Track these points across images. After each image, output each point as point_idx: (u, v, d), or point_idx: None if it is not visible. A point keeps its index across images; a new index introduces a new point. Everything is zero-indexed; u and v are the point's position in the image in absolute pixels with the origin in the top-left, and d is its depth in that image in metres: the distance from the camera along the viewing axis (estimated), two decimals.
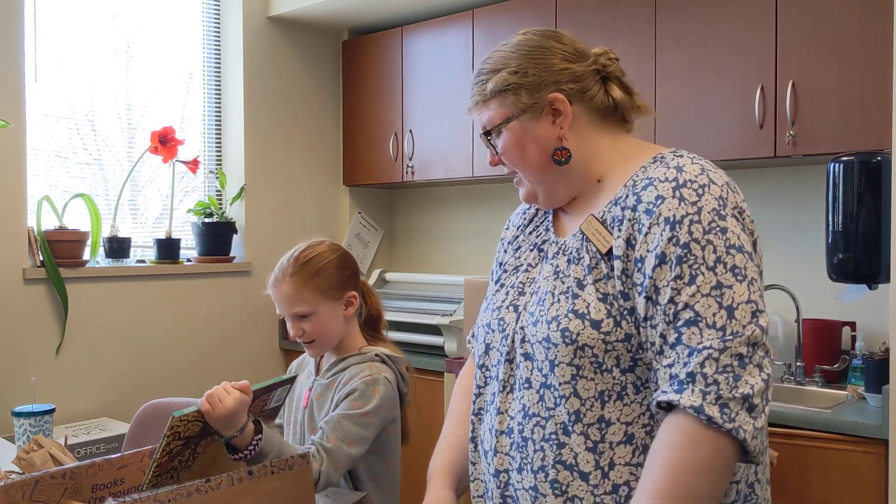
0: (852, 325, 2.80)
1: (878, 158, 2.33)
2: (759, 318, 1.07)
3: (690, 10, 2.86)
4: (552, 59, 1.23)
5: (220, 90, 3.88)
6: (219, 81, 3.88)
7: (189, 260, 3.66)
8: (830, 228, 2.40)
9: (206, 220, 3.64)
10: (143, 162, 3.55)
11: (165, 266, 3.49)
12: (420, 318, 3.44)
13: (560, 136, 1.23)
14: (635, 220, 1.14)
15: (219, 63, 3.87)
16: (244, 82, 3.77)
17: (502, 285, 1.33)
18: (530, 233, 1.36)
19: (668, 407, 1.08)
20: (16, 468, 1.77)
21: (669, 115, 2.90)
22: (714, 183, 1.12)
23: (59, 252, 3.15)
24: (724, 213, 1.10)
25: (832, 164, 2.40)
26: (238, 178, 3.81)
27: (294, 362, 2.04)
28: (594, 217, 1.20)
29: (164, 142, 3.37)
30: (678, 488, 1.03)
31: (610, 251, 1.16)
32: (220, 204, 3.80)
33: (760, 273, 1.14)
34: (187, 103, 3.81)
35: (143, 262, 3.53)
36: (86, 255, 3.27)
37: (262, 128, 3.85)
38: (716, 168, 1.17)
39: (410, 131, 3.75)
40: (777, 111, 2.68)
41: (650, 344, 1.11)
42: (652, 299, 1.10)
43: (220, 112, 3.88)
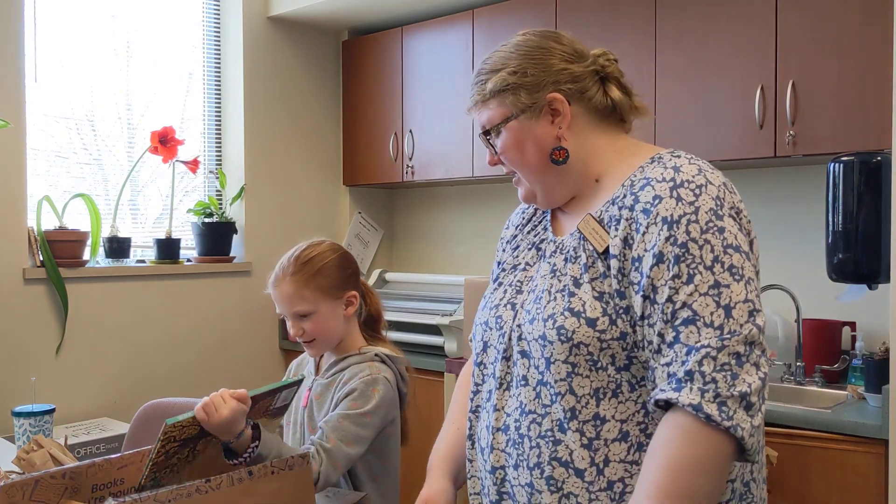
0: (852, 325, 2.80)
1: (878, 158, 2.33)
2: (757, 318, 1.07)
3: (690, 10, 2.86)
4: (551, 60, 1.24)
5: (220, 90, 3.88)
6: (219, 81, 3.88)
7: (189, 260, 3.66)
8: (830, 228, 2.40)
9: (206, 220, 3.64)
10: (143, 162, 3.55)
11: (165, 266, 3.50)
12: (420, 318, 3.43)
13: (559, 136, 1.24)
14: (633, 219, 1.14)
15: (219, 63, 3.87)
16: (244, 82, 3.77)
17: (500, 284, 1.34)
18: (529, 232, 1.37)
19: (665, 405, 1.08)
20: (16, 468, 1.77)
21: (669, 115, 2.90)
22: (711, 183, 1.13)
23: (59, 252, 3.15)
24: (721, 212, 1.11)
25: (832, 164, 2.40)
26: (238, 178, 3.81)
27: (294, 362, 2.04)
28: (591, 216, 1.21)
29: (164, 142, 3.37)
30: (677, 486, 1.03)
31: (607, 250, 1.16)
32: (220, 204, 3.80)
33: (757, 273, 1.15)
34: (187, 103, 3.81)
35: (143, 262, 3.53)
36: (86, 255, 3.27)
37: (262, 128, 3.85)
38: (713, 169, 1.17)
39: (410, 131, 3.75)
40: (777, 111, 2.68)
41: (647, 343, 1.11)
42: (649, 298, 1.10)
43: (220, 112, 3.89)
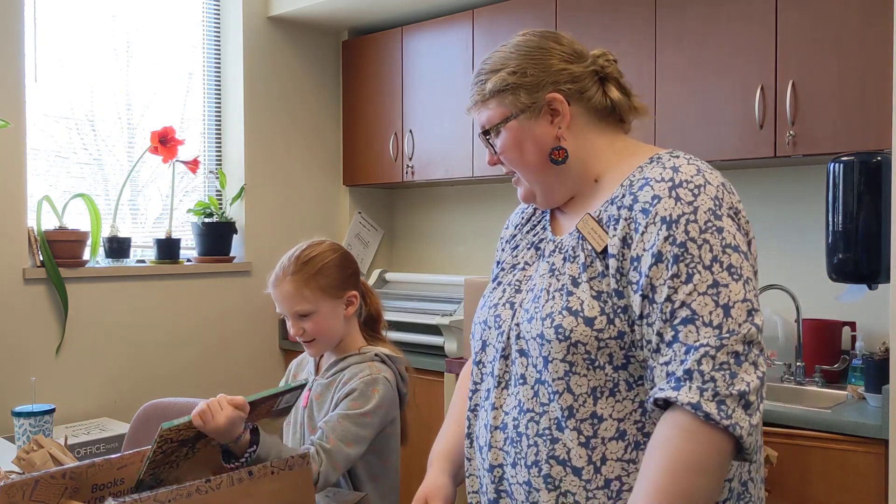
0: (852, 325, 2.80)
1: (878, 158, 2.33)
2: (755, 317, 1.08)
3: (690, 10, 2.86)
4: (551, 60, 1.24)
5: (220, 90, 3.88)
6: (219, 81, 3.88)
7: (189, 260, 3.66)
8: (830, 228, 2.40)
9: (206, 220, 3.64)
10: (143, 162, 3.55)
11: (165, 266, 3.50)
12: (420, 318, 3.43)
13: (558, 136, 1.25)
14: (631, 219, 1.15)
15: (219, 63, 3.87)
16: (244, 82, 3.77)
17: (499, 283, 1.34)
18: (528, 232, 1.37)
19: (664, 404, 1.09)
20: (16, 468, 1.77)
21: (669, 115, 2.90)
22: (710, 183, 1.13)
23: (59, 252, 3.15)
24: (719, 212, 1.12)
25: (832, 164, 2.40)
26: (238, 178, 3.81)
27: (293, 362, 2.04)
28: (590, 216, 1.21)
29: (164, 142, 3.37)
30: (676, 484, 1.03)
31: (605, 250, 1.17)
32: (220, 204, 3.80)
33: (755, 273, 1.16)
34: (187, 103, 3.81)
35: (143, 262, 3.53)
36: (86, 255, 3.27)
37: (262, 128, 3.85)
38: (712, 169, 1.18)
39: (410, 131, 3.75)
40: (777, 111, 2.68)
41: (646, 342, 1.12)
42: (648, 297, 1.11)
43: (220, 112, 3.89)
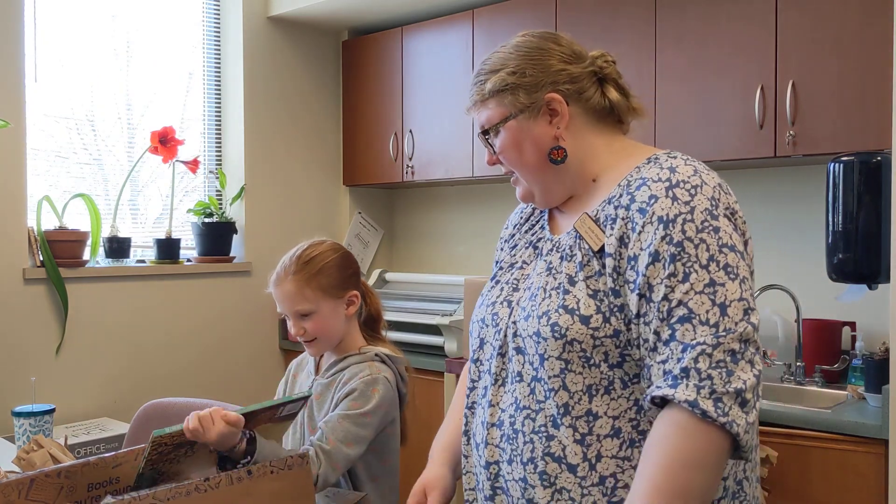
0: (852, 325, 2.80)
1: (878, 158, 2.33)
2: (751, 316, 1.09)
3: (690, 10, 2.86)
4: (550, 61, 1.25)
5: (220, 90, 3.88)
6: (219, 81, 3.88)
7: (189, 260, 3.66)
8: (830, 228, 2.40)
9: (206, 220, 3.64)
10: (143, 162, 3.55)
11: (165, 266, 3.50)
12: (420, 318, 3.43)
13: (557, 136, 1.25)
14: (628, 218, 1.15)
15: (219, 63, 3.87)
16: (244, 82, 3.77)
17: (497, 282, 1.35)
18: (526, 231, 1.38)
19: (662, 402, 1.09)
20: (16, 468, 1.77)
21: (669, 115, 2.90)
22: (706, 184, 1.14)
23: (59, 252, 3.15)
24: (716, 212, 1.12)
25: (832, 164, 2.40)
26: (238, 178, 3.81)
27: (293, 362, 2.04)
28: (588, 215, 1.22)
29: (164, 142, 3.37)
30: (673, 481, 1.04)
31: (602, 249, 1.17)
32: (220, 204, 3.80)
33: (752, 273, 1.17)
34: (187, 103, 3.81)
35: (143, 262, 3.53)
36: (86, 255, 3.27)
37: (262, 128, 3.85)
38: (709, 170, 1.19)
39: (410, 131, 3.75)
40: (777, 111, 2.68)
41: (643, 341, 1.13)
42: (645, 296, 1.11)
43: (220, 112, 3.89)
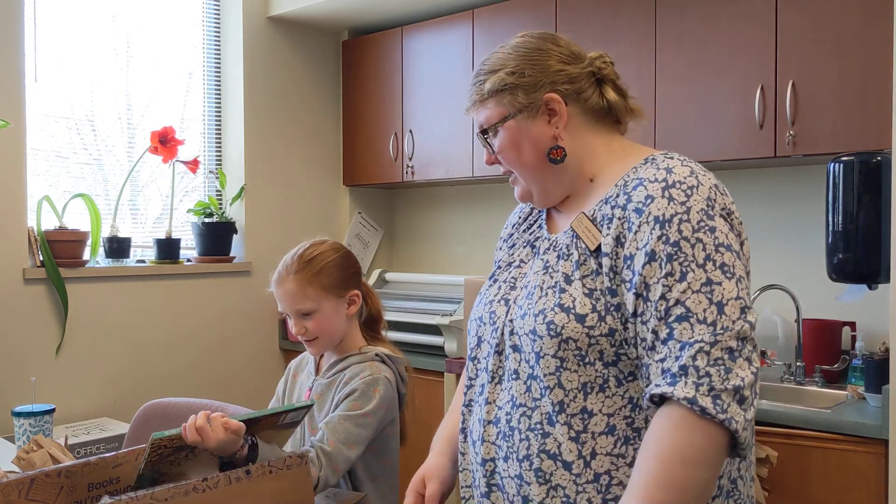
0: (852, 325, 2.80)
1: (878, 158, 2.33)
2: (748, 315, 1.09)
3: (690, 10, 2.86)
4: (548, 61, 1.26)
5: (220, 90, 3.88)
6: (219, 81, 3.88)
7: (189, 260, 3.66)
8: (830, 228, 2.40)
9: (206, 220, 3.64)
10: (143, 162, 3.55)
11: (165, 266, 3.50)
12: (420, 318, 3.43)
13: (555, 136, 1.26)
14: (625, 218, 1.16)
15: (219, 63, 3.87)
16: (244, 82, 3.77)
17: (495, 280, 1.36)
18: (524, 231, 1.39)
19: (660, 401, 1.10)
20: (16, 468, 1.77)
21: (670, 115, 2.90)
22: (702, 184, 1.15)
23: (59, 252, 3.15)
24: (712, 213, 1.13)
25: (832, 164, 2.40)
26: (238, 178, 3.81)
27: (292, 362, 2.03)
28: (585, 215, 1.23)
29: (164, 142, 3.37)
30: (671, 477, 1.04)
31: (599, 248, 1.18)
32: (220, 204, 3.80)
33: (748, 273, 1.17)
34: (187, 103, 3.81)
35: (143, 262, 3.53)
36: (86, 255, 3.27)
37: (262, 128, 3.85)
38: (705, 171, 1.19)
39: (410, 131, 3.75)
40: (777, 111, 2.68)
41: (641, 340, 1.13)
42: (642, 296, 1.12)
43: (220, 112, 3.89)
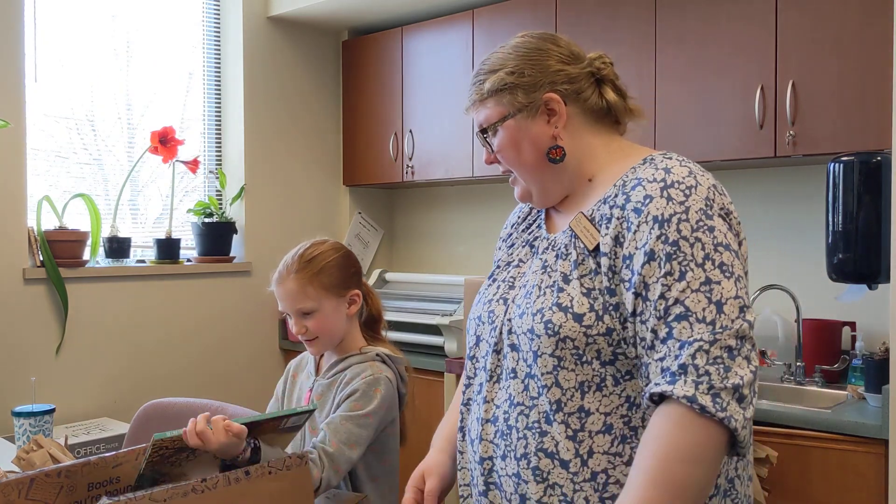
0: (852, 325, 2.79)
1: (878, 158, 2.33)
2: (747, 313, 1.10)
3: (690, 10, 2.86)
4: (548, 61, 1.27)
5: (220, 90, 3.88)
6: (219, 81, 3.88)
7: (189, 260, 3.66)
8: (830, 228, 2.40)
9: (206, 220, 3.64)
10: (143, 162, 3.55)
11: (165, 266, 3.50)
12: (420, 318, 3.43)
13: (554, 136, 1.27)
14: (624, 218, 1.17)
15: (219, 63, 3.87)
16: (244, 82, 3.77)
17: (494, 280, 1.37)
18: (523, 230, 1.40)
19: (660, 400, 1.10)
20: (16, 468, 1.77)
21: (670, 115, 2.90)
22: (701, 185, 1.16)
23: (59, 252, 3.15)
24: (710, 212, 1.14)
25: (832, 164, 2.40)
26: (238, 178, 3.81)
27: (292, 363, 2.03)
28: (583, 215, 1.23)
29: (164, 142, 3.37)
30: (669, 474, 1.04)
31: (597, 248, 1.19)
32: (220, 204, 3.80)
33: (746, 273, 1.18)
34: (187, 103, 3.81)
35: (143, 262, 3.53)
36: (86, 255, 3.27)
37: (262, 128, 3.85)
38: (703, 171, 1.20)
39: (410, 131, 3.75)
40: (777, 111, 2.67)
41: (640, 339, 1.14)
42: (641, 295, 1.13)
43: (220, 112, 3.89)
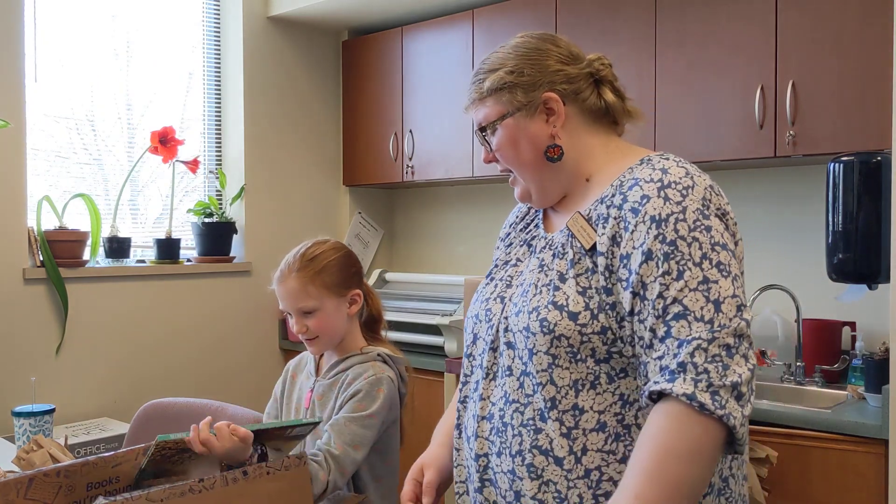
0: (852, 325, 2.79)
1: (878, 158, 2.33)
2: (744, 312, 1.11)
3: (690, 10, 2.86)
4: (547, 61, 1.28)
5: (220, 90, 3.88)
6: (219, 81, 3.88)
7: (189, 260, 3.66)
8: (830, 228, 2.40)
9: (206, 220, 3.64)
10: (143, 162, 3.55)
11: (165, 266, 3.50)
12: (420, 318, 3.43)
13: (553, 135, 1.28)
14: (621, 218, 1.17)
15: (219, 63, 3.87)
16: (244, 82, 3.77)
17: (492, 279, 1.37)
18: (521, 230, 1.41)
19: (658, 398, 1.10)
20: (16, 468, 1.77)
21: (670, 115, 2.89)
22: (697, 185, 1.17)
23: (59, 252, 3.15)
24: (707, 212, 1.15)
25: (832, 164, 2.40)
26: (238, 178, 3.81)
27: (290, 363, 2.02)
28: (580, 214, 1.24)
29: (164, 142, 3.37)
30: (666, 471, 1.05)
31: (594, 247, 1.20)
32: (220, 204, 3.80)
33: (742, 273, 1.18)
34: (187, 103, 3.81)
35: (143, 262, 3.53)
36: (86, 255, 3.27)
37: (262, 128, 3.85)
38: (700, 172, 1.21)
39: (410, 131, 3.75)
40: (777, 111, 2.67)
41: (638, 338, 1.14)
42: (639, 295, 1.13)
43: (220, 112, 3.89)
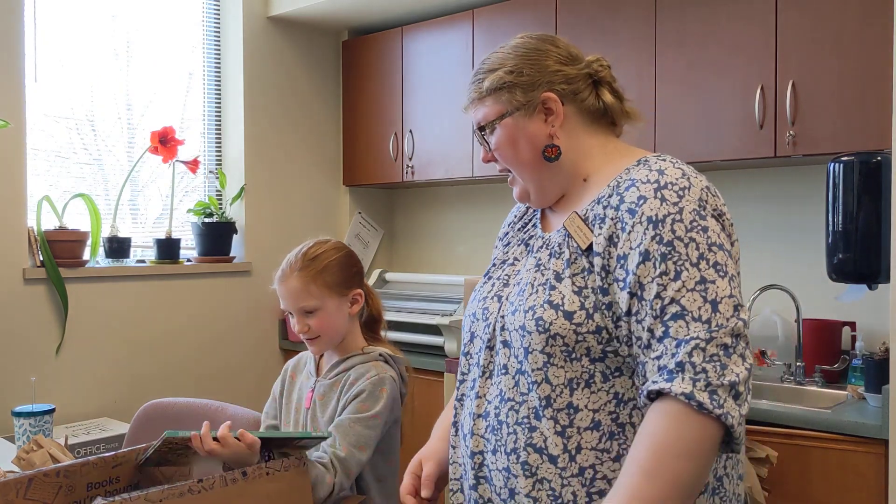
0: (852, 325, 2.79)
1: (878, 158, 2.33)
2: (741, 312, 1.12)
3: (690, 10, 2.86)
4: (547, 62, 1.29)
5: (220, 90, 3.88)
6: (219, 81, 3.88)
7: (189, 260, 3.66)
8: (830, 228, 2.40)
9: (206, 220, 3.64)
10: (143, 162, 3.55)
11: (165, 266, 3.50)
12: (420, 318, 3.43)
13: (551, 135, 1.29)
14: (618, 218, 1.18)
15: (219, 63, 3.87)
16: (244, 82, 3.77)
17: (490, 278, 1.38)
18: (519, 229, 1.42)
19: (656, 398, 1.11)
20: (15, 468, 1.77)
21: (670, 115, 2.89)
22: (694, 186, 1.17)
23: (59, 252, 3.15)
24: (704, 213, 1.16)
25: (832, 164, 2.40)
26: (238, 178, 3.81)
27: (289, 363, 2.02)
28: (577, 214, 1.25)
29: (164, 142, 3.37)
30: (662, 468, 1.06)
31: (590, 247, 1.20)
32: (220, 204, 3.80)
33: (738, 274, 1.19)
34: (187, 103, 3.81)
35: (143, 262, 3.53)
36: (86, 255, 3.27)
37: (262, 128, 3.85)
38: (696, 173, 1.21)
39: (410, 131, 3.75)
40: (777, 111, 2.67)
41: (636, 338, 1.15)
42: (637, 295, 1.14)
43: (220, 112, 3.89)
